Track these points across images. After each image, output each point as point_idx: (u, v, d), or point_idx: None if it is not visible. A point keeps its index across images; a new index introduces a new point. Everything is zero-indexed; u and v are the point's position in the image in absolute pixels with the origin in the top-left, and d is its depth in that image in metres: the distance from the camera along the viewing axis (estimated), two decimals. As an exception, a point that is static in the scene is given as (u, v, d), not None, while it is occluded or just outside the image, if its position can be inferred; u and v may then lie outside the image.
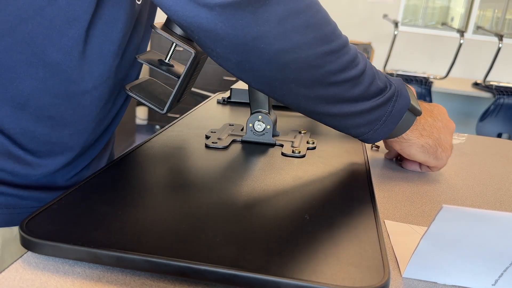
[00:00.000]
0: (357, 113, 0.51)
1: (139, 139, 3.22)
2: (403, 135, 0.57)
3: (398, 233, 0.51)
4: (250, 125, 0.63)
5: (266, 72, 0.46)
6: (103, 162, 0.67)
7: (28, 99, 0.49)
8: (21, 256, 0.37)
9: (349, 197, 0.47)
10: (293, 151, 0.60)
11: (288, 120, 0.79)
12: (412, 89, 0.60)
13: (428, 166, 0.65)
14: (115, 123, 0.65)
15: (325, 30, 0.47)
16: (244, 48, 0.44)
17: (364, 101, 0.51)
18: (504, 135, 3.01)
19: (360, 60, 0.50)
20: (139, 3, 0.55)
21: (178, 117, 0.77)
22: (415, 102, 0.56)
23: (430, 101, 3.04)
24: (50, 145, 0.54)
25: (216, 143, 0.61)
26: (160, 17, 0.55)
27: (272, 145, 0.63)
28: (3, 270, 0.36)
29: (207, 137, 0.64)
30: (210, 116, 0.81)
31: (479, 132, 2.92)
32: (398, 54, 3.45)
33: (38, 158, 0.54)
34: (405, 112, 0.54)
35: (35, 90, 0.49)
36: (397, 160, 0.72)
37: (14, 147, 0.51)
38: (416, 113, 0.56)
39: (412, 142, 0.58)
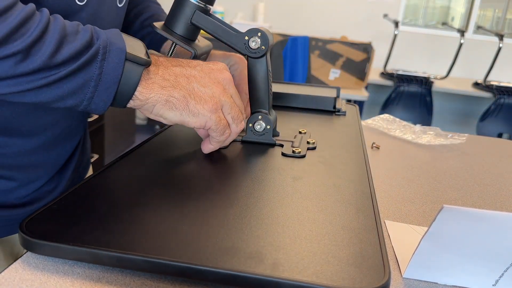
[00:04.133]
0: (46, 85, 0.42)
1: (139, 139, 3.22)
2: (137, 94, 0.46)
3: (399, 233, 0.51)
4: (250, 125, 0.63)
5: None
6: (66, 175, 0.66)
7: None
8: (21, 256, 0.37)
9: (349, 197, 0.47)
10: (293, 151, 0.59)
11: (288, 120, 0.79)
12: (139, 42, 0.48)
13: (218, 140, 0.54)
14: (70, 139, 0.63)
15: None
16: None
17: (51, 71, 0.41)
18: (505, 135, 3.01)
19: (31, 28, 0.40)
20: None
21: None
22: (138, 52, 0.46)
23: (431, 101, 3.04)
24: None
25: (216, 143, 0.61)
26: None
27: (272, 145, 0.63)
28: (3, 270, 0.36)
29: (207, 137, 0.64)
30: (210, 116, 0.81)
31: (479, 132, 2.92)
32: (398, 54, 3.44)
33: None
34: (123, 64, 0.44)
35: None
36: None
37: None
38: (140, 61, 0.45)
39: (153, 99, 0.47)
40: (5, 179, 0.55)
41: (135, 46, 0.46)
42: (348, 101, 1.05)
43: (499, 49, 2.93)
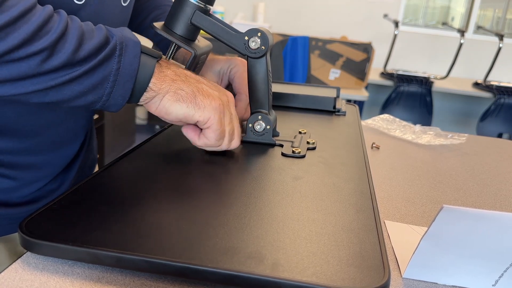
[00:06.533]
0: (68, 81, 0.43)
1: (139, 139, 3.22)
2: (151, 86, 0.48)
3: (398, 233, 0.51)
4: (250, 125, 0.63)
5: None
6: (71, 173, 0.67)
7: None
8: (20, 256, 0.37)
9: (349, 197, 0.47)
10: (293, 151, 0.59)
11: (288, 120, 0.79)
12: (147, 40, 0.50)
13: (209, 140, 0.54)
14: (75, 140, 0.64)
15: None
16: None
17: (73, 68, 0.42)
18: (505, 135, 3.01)
19: (53, 26, 0.41)
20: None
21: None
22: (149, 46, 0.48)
23: (431, 101, 3.04)
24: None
25: (216, 143, 0.61)
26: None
27: (272, 145, 0.63)
28: (3, 270, 0.36)
29: (207, 137, 0.64)
30: (210, 116, 0.81)
31: (479, 132, 2.92)
32: (398, 54, 3.45)
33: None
34: (139, 58, 0.46)
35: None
36: None
37: None
38: (154, 54, 0.48)
39: (164, 90, 0.49)
40: (10, 178, 0.56)
41: (145, 41, 0.49)
42: (348, 101, 1.05)
43: (499, 49, 2.93)
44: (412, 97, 3.02)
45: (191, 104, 0.50)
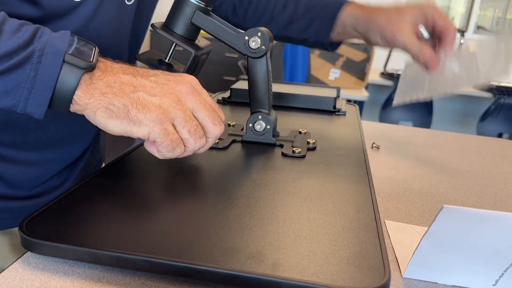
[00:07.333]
0: None
1: (139, 139, 3.22)
2: (76, 99, 0.43)
3: (399, 233, 0.51)
4: (250, 125, 0.63)
5: None
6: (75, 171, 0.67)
7: None
8: (21, 256, 0.37)
9: (349, 197, 0.47)
10: (293, 151, 0.60)
11: (288, 120, 0.79)
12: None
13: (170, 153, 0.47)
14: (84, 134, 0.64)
15: None
16: None
17: None
18: (505, 135, 3.01)
19: None
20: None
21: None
22: (83, 55, 0.43)
23: (431, 101, 3.04)
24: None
25: (217, 143, 0.61)
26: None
27: (272, 145, 0.63)
28: (3, 270, 0.36)
29: (207, 137, 0.64)
30: (210, 116, 0.81)
31: (479, 132, 2.92)
32: (398, 54, 3.44)
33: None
34: (59, 68, 0.42)
35: None
36: None
37: None
38: (81, 65, 0.42)
39: (93, 105, 0.43)
40: (14, 171, 0.57)
41: (82, 49, 0.44)
42: (348, 101, 1.05)
43: (499, 49, 2.92)
44: (412, 97, 3.01)
45: (125, 120, 0.44)
